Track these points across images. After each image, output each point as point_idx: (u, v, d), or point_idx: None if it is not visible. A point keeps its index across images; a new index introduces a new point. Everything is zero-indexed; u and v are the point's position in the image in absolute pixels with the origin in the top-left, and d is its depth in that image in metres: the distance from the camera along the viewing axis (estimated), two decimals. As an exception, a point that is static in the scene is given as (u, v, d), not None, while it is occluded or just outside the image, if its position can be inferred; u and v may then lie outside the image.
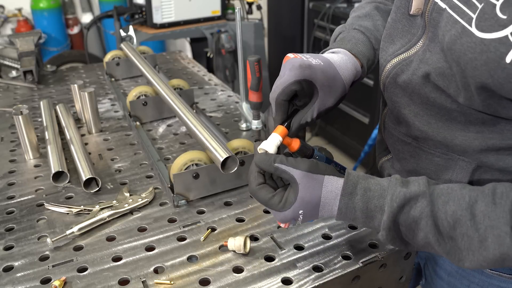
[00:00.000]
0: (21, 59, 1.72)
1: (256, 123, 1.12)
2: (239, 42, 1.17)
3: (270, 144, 0.72)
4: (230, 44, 2.64)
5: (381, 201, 0.67)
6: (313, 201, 0.68)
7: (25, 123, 1.12)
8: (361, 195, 0.67)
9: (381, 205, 0.67)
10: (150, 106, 1.32)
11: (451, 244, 0.63)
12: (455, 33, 0.61)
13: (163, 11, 2.59)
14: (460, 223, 0.61)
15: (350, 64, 0.80)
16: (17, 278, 0.76)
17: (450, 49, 0.62)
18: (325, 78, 0.73)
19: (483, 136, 0.68)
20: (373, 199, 0.67)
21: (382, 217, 0.66)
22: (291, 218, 0.68)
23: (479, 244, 0.60)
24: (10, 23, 3.61)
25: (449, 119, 0.71)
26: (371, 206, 0.67)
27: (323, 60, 0.75)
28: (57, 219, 0.91)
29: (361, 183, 0.68)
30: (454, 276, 0.87)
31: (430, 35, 0.69)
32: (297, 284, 0.73)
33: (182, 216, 0.91)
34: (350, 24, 0.91)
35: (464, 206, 0.62)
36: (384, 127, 0.88)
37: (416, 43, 0.73)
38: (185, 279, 0.75)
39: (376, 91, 2.75)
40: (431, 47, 0.69)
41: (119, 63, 1.67)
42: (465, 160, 0.73)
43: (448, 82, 0.66)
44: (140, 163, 1.12)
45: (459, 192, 0.64)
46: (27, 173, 1.10)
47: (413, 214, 0.65)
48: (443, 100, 0.69)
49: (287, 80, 0.72)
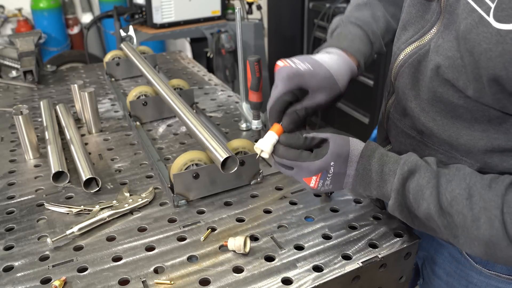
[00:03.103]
0: (21, 59, 1.72)
1: (256, 123, 1.12)
2: (239, 42, 1.17)
3: (266, 142, 0.75)
4: (230, 44, 2.64)
5: (395, 165, 0.70)
6: (342, 154, 0.71)
7: (25, 123, 1.12)
8: (378, 158, 0.71)
9: (394, 169, 0.70)
10: (150, 106, 1.32)
11: (449, 220, 0.65)
12: (471, 22, 0.60)
13: (163, 11, 2.59)
14: (457, 200, 0.64)
15: (343, 65, 0.81)
16: (17, 278, 0.76)
17: (464, 38, 0.61)
18: (315, 81, 0.76)
19: (489, 136, 0.68)
20: (388, 163, 0.71)
21: (394, 180, 0.69)
22: (323, 168, 0.71)
23: (471, 223, 0.63)
24: (10, 23, 3.61)
25: (454, 116, 0.71)
26: (386, 169, 0.70)
27: (312, 63, 0.76)
28: (57, 219, 0.91)
29: (379, 149, 0.73)
30: (453, 276, 0.87)
31: (445, 21, 0.68)
32: (297, 284, 0.73)
33: (182, 216, 0.91)
34: (347, 16, 0.91)
35: (463, 186, 0.65)
36: (387, 117, 0.88)
37: (430, 29, 0.72)
38: (185, 279, 0.75)
39: (376, 91, 2.75)
40: (445, 34, 0.68)
41: (119, 63, 1.67)
42: (468, 161, 0.73)
43: (458, 73, 0.65)
44: (140, 163, 1.12)
45: (462, 172, 0.66)
46: (27, 173, 1.10)
47: (421, 182, 0.67)
48: (450, 95, 0.69)
49: (278, 92, 0.76)
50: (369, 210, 0.91)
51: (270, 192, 0.98)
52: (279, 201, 0.95)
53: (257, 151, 0.77)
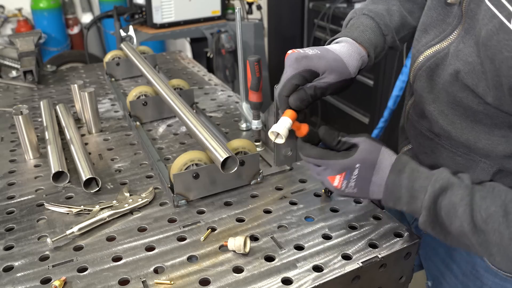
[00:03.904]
0: (21, 59, 1.72)
1: (256, 123, 1.12)
2: (239, 42, 1.17)
3: (281, 126, 0.74)
4: (230, 44, 2.64)
5: (426, 182, 0.68)
6: (370, 160, 0.71)
7: (25, 123, 1.12)
8: (408, 173, 0.69)
9: (425, 185, 0.68)
10: (150, 106, 1.32)
11: (483, 238, 0.63)
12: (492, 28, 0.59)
13: (163, 11, 2.58)
14: (493, 218, 0.62)
15: (353, 52, 0.80)
16: (17, 278, 0.76)
17: (485, 45, 0.60)
18: (323, 62, 0.75)
19: (508, 141, 0.68)
20: (419, 179, 0.68)
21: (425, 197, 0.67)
22: (347, 167, 0.70)
23: (509, 241, 0.61)
24: (10, 23, 3.61)
25: (474, 121, 0.70)
26: (416, 186, 0.68)
27: (321, 49, 0.77)
28: (57, 219, 0.91)
29: (410, 164, 0.70)
30: (468, 276, 0.86)
31: (466, 26, 0.67)
32: (297, 284, 0.73)
33: (182, 216, 0.91)
34: (361, 8, 0.91)
35: (498, 203, 0.63)
36: (407, 118, 0.87)
37: (450, 33, 0.71)
38: (185, 279, 0.75)
39: (376, 91, 2.75)
40: (466, 39, 0.67)
41: (119, 63, 1.67)
42: (486, 163, 0.72)
43: (477, 80, 0.65)
44: (140, 163, 1.12)
45: (498, 189, 0.64)
46: (27, 173, 1.10)
47: (453, 200, 0.65)
48: (470, 100, 0.68)
49: (287, 76, 0.75)
50: (369, 210, 0.91)
51: (270, 192, 0.98)
52: (279, 201, 0.95)
53: (271, 137, 0.75)
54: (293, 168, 1.07)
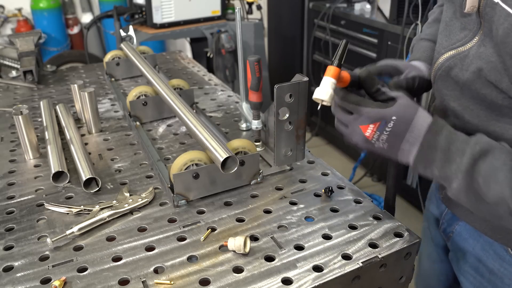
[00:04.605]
0: (21, 59, 1.72)
1: (256, 123, 1.12)
2: (239, 42, 1.17)
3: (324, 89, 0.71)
4: (230, 44, 2.64)
5: (464, 145, 0.67)
6: (407, 116, 0.70)
7: (25, 123, 1.12)
8: (445, 135, 0.68)
9: (463, 148, 0.66)
10: (150, 106, 1.32)
11: None
12: (508, 26, 0.62)
13: (163, 11, 2.58)
14: None
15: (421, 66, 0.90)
16: (17, 278, 0.76)
17: (503, 42, 0.63)
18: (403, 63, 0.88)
19: None
20: (457, 142, 0.67)
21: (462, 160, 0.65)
22: (383, 117, 0.70)
23: None
24: (10, 23, 3.61)
25: (499, 115, 0.71)
26: (453, 148, 0.67)
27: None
28: (57, 219, 0.91)
29: (447, 127, 0.70)
30: (496, 274, 0.86)
31: (485, 30, 0.70)
32: (297, 284, 0.73)
33: (182, 216, 0.91)
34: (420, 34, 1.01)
35: None
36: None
37: (472, 38, 0.74)
38: (185, 279, 0.75)
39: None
40: (486, 41, 0.69)
41: (119, 63, 1.67)
42: None
43: (500, 76, 0.66)
44: (140, 163, 1.12)
45: None
46: (27, 173, 1.10)
47: (495, 164, 0.63)
48: (494, 96, 0.69)
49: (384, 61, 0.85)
50: (369, 210, 0.91)
51: (270, 192, 0.98)
52: (279, 201, 0.95)
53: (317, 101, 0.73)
54: (293, 168, 1.07)
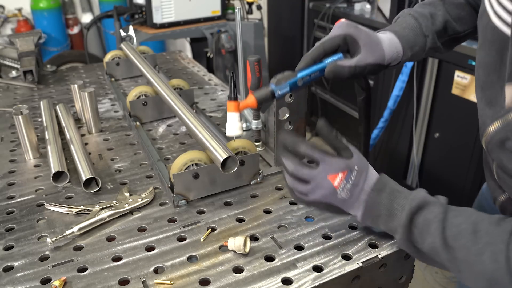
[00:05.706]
0: (21, 59, 1.72)
1: (256, 123, 1.12)
2: (239, 42, 1.17)
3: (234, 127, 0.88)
4: (230, 44, 2.64)
5: (404, 201, 0.71)
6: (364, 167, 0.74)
7: (25, 123, 1.12)
8: (388, 193, 0.72)
9: (403, 204, 0.70)
10: (150, 106, 1.32)
11: (453, 254, 0.65)
12: None
13: (163, 11, 2.59)
14: (462, 235, 0.64)
15: (392, 42, 0.87)
16: (17, 278, 0.76)
17: None
18: (368, 39, 0.83)
19: None
20: (398, 199, 0.71)
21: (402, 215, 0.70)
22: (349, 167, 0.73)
23: (475, 257, 0.62)
24: (10, 23, 3.61)
25: None
26: (395, 204, 0.71)
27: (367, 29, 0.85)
28: (57, 219, 0.91)
29: (390, 183, 0.74)
30: None
31: None
32: (297, 284, 0.73)
33: (182, 216, 0.91)
34: (409, 9, 0.97)
35: (469, 221, 0.65)
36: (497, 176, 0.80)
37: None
38: (185, 279, 0.75)
39: (376, 91, 2.75)
40: None
41: (119, 63, 1.67)
42: None
43: None
44: (140, 163, 1.12)
45: (471, 210, 0.67)
46: (27, 173, 1.10)
47: (428, 217, 0.68)
48: None
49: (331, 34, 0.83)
50: (369, 210, 0.91)
51: (270, 192, 0.98)
52: (279, 201, 0.95)
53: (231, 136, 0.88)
54: (293, 168, 1.07)
